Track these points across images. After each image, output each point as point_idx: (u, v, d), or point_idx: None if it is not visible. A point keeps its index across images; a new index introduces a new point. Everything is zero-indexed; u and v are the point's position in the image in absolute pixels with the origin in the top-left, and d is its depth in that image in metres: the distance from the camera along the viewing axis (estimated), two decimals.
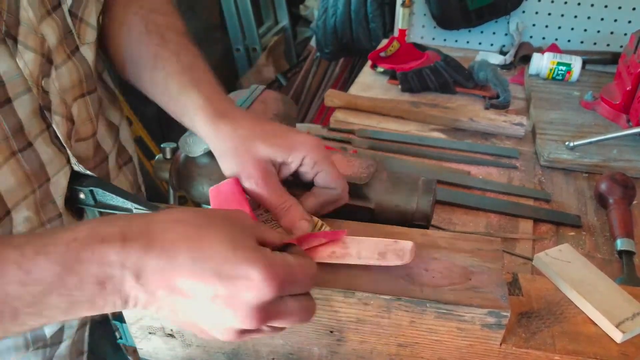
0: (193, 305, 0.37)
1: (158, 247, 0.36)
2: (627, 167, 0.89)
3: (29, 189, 0.51)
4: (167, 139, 0.66)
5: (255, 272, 0.35)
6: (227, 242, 0.37)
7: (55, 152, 0.52)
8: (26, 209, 0.51)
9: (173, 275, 0.36)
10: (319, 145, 0.51)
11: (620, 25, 1.32)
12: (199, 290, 0.36)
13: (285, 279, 0.37)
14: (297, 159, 0.50)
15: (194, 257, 0.36)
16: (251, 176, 0.49)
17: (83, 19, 0.56)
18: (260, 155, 0.49)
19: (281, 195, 0.49)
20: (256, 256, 0.36)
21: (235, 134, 0.50)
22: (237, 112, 0.53)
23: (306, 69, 2.45)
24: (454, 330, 0.46)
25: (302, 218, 0.48)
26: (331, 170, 0.51)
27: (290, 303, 0.38)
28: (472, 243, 0.51)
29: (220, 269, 0.36)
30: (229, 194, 0.49)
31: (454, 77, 1.16)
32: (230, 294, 0.36)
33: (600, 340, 0.48)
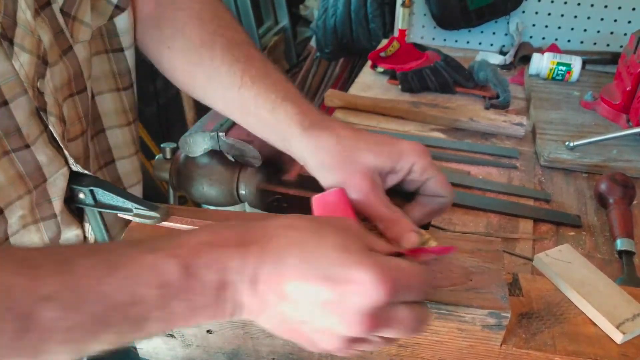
0: (300, 309, 0.36)
1: (272, 252, 0.36)
2: (627, 167, 0.89)
3: (24, 190, 0.50)
4: (167, 139, 0.66)
5: (367, 275, 0.34)
6: (338, 245, 0.36)
7: (53, 153, 0.52)
8: (20, 209, 0.51)
9: (282, 279, 0.35)
10: (426, 151, 0.49)
11: (620, 25, 1.32)
12: (306, 294, 0.35)
13: (398, 283, 0.35)
14: (406, 166, 0.48)
15: (304, 259, 0.35)
16: (358, 188, 0.47)
17: (77, 17, 0.55)
18: (367, 165, 0.47)
19: (388, 207, 0.47)
20: (368, 259, 0.35)
21: (337, 145, 0.49)
22: (334, 123, 0.51)
23: (306, 69, 2.45)
24: (454, 331, 0.46)
25: (410, 230, 0.45)
26: (441, 177, 0.49)
27: (402, 311, 0.36)
28: (473, 243, 0.51)
29: (330, 272, 0.35)
30: (335, 205, 0.47)
31: (454, 77, 1.16)
32: (339, 298, 0.34)
33: (601, 341, 0.48)
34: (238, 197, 0.63)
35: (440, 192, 0.50)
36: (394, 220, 0.46)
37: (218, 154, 0.62)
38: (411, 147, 0.49)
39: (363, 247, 0.37)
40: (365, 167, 0.47)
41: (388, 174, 0.49)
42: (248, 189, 0.62)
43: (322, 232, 0.37)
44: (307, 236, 0.37)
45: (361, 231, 0.40)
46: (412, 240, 0.45)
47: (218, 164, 0.62)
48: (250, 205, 0.64)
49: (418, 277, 0.37)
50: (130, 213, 0.53)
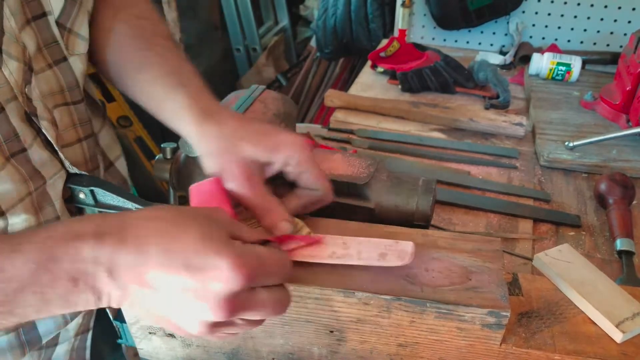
0: (164, 298, 0.37)
1: (130, 243, 0.37)
2: (626, 167, 0.89)
3: (25, 192, 0.51)
4: (167, 139, 0.66)
5: (224, 262, 0.35)
6: (198, 235, 0.37)
7: (49, 156, 0.53)
8: (23, 212, 0.51)
9: (143, 269, 0.36)
10: (303, 145, 0.50)
11: (620, 25, 1.32)
12: (168, 283, 0.36)
13: (256, 268, 0.37)
14: (280, 159, 0.50)
15: (164, 250, 0.36)
16: (234, 176, 0.48)
17: (72, 30, 0.56)
18: (244, 155, 0.49)
19: (263, 196, 0.48)
20: (226, 247, 0.36)
21: (219, 133, 0.50)
22: (223, 113, 0.53)
23: (306, 69, 2.45)
24: (454, 330, 0.46)
25: (283, 219, 0.47)
26: (314, 171, 0.51)
27: (263, 294, 0.38)
28: (472, 243, 0.51)
29: (189, 260, 0.36)
30: (210, 193, 0.49)
31: (454, 77, 1.17)
32: (200, 285, 0.36)
33: (600, 340, 0.48)
34: None
35: (314, 185, 0.51)
36: (267, 209, 0.48)
37: None
38: (289, 140, 0.50)
39: (224, 236, 0.38)
40: (242, 157, 0.49)
41: (266, 165, 0.50)
42: None
43: (184, 222, 0.38)
44: (167, 226, 0.37)
45: (226, 221, 0.40)
46: (283, 228, 0.47)
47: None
48: None
49: (276, 262, 0.39)
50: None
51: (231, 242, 0.38)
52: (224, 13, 2.47)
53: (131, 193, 0.55)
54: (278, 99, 0.69)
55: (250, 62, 2.61)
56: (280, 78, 2.43)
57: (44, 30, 0.53)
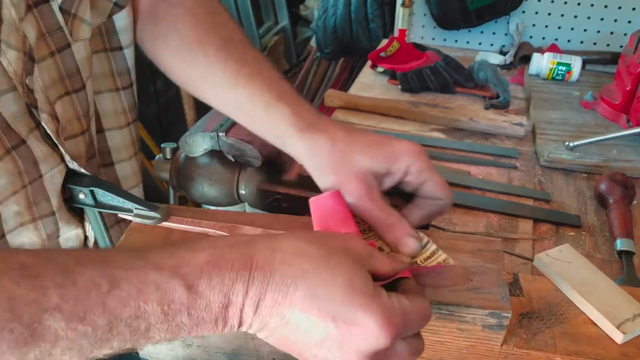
0: (303, 338, 0.36)
1: (279, 282, 0.36)
2: (626, 167, 0.89)
3: (19, 185, 0.50)
4: (167, 139, 0.66)
5: (372, 321, 0.35)
6: (344, 283, 0.36)
7: (48, 149, 0.52)
8: (16, 204, 0.51)
9: (289, 310, 0.36)
10: (422, 152, 0.48)
11: (620, 25, 1.32)
12: (312, 329, 0.36)
13: (401, 326, 0.36)
14: (401, 168, 0.47)
15: (312, 295, 0.36)
16: (353, 192, 0.46)
17: (77, 15, 0.55)
18: (361, 168, 0.47)
19: (385, 210, 0.46)
20: (373, 303, 0.35)
21: (332, 147, 0.48)
22: (329, 124, 0.51)
23: (306, 69, 2.45)
24: (455, 331, 0.46)
25: (408, 234, 0.45)
26: (438, 180, 0.48)
27: (402, 347, 0.37)
28: (473, 243, 0.51)
29: (336, 312, 0.35)
30: (331, 208, 0.46)
31: (454, 77, 1.16)
32: (342, 337, 0.35)
33: (601, 341, 0.48)
34: (238, 197, 0.63)
35: (437, 194, 0.49)
36: (390, 225, 0.46)
37: (218, 154, 0.62)
38: (407, 149, 0.48)
39: (369, 284, 0.37)
40: (360, 171, 0.47)
41: (384, 177, 0.48)
42: (248, 189, 0.62)
43: (330, 263, 0.37)
44: (314, 267, 0.37)
45: (366, 255, 0.39)
46: (410, 245, 0.45)
47: (218, 164, 0.62)
48: (250, 205, 0.64)
49: (419, 317, 0.38)
50: (131, 213, 0.53)
51: (377, 295, 0.36)
52: None
53: (131, 193, 0.55)
54: None
55: None
56: None
57: (47, 16, 0.52)
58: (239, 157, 0.61)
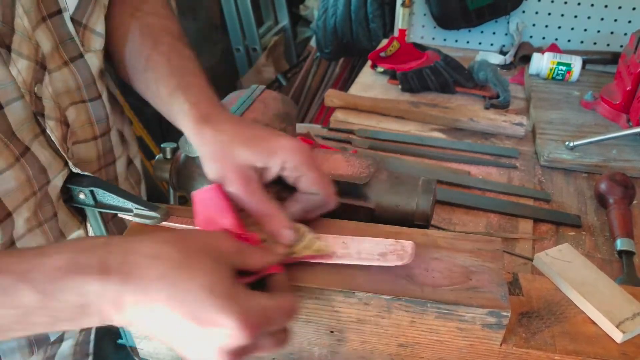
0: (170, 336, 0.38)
1: (135, 285, 0.37)
2: (627, 167, 0.89)
3: (30, 192, 0.51)
4: (167, 139, 0.66)
5: (230, 322, 0.36)
6: (204, 285, 0.37)
7: (52, 155, 0.53)
8: (26, 211, 0.51)
9: (150, 313, 0.37)
10: (301, 149, 0.50)
11: (620, 25, 1.32)
12: (174, 330, 0.37)
13: (261, 324, 0.37)
14: (277, 163, 0.49)
15: (171, 299, 0.36)
16: (232, 182, 0.48)
17: (88, 26, 0.56)
18: (240, 160, 0.49)
19: (263, 202, 0.48)
20: (232, 304, 0.36)
21: (216, 139, 0.50)
22: (221, 117, 0.52)
23: (306, 69, 2.45)
24: (454, 330, 0.46)
25: (285, 226, 0.47)
26: (313, 175, 0.50)
27: (265, 340, 0.39)
28: (473, 243, 0.51)
29: (196, 313, 0.36)
30: (212, 200, 0.48)
31: (454, 77, 1.16)
32: (205, 336, 0.36)
33: (601, 340, 0.48)
34: None
35: (312, 189, 0.50)
36: (268, 216, 0.47)
37: None
38: (285, 145, 0.49)
39: (230, 286, 0.38)
40: (240, 162, 0.49)
41: (263, 170, 0.50)
42: None
43: (190, 265, 0.38)
44: (173, 270, 0.37)
45: (232, 251, 0.40)
46: (287, 237, 0.47)
47: None
48: None
49: (281, 313, 0.39)
50: (131, 213, 0.53)
51: (237, 296, 0.37)
52: (224, 13, 2.47)
53: (131, 193, 0.55)
54: (278, 99, 0.69)
55: (250, 62, 2.61)
56: (280, 78, 2.43)
57: (60, 27, 0.53)
58: None
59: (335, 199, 0.52)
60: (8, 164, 0.48)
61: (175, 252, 0.38)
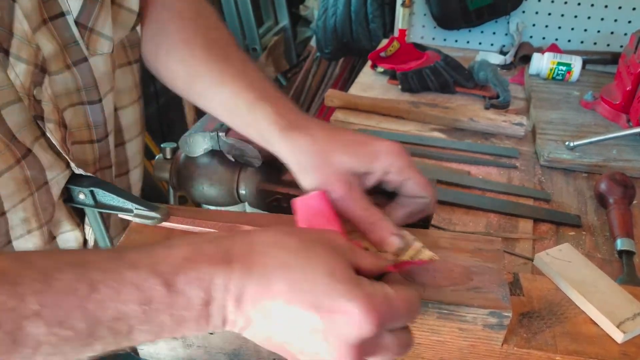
0: (287, 331, 0.36)
1: (258, 274, 0.36)
2: (627, 167, 0.89)
3: (27, 192, 0.50)
4: (167, 139, 0.66)
5: (355, 307, 0.34)
6: (325, 271, 0.35)
7: (54, 157, 0.52)
8: (23, 211, 0.51)
9: (271, 304, 0.35)
10: (403, 151, 0.48)
11: (620, 25, 1.32)
12: (295, 320, 0.35)
13: (386, 314, 0.35)
14: (381, 167, 0.48)
15: (293, 288, 0.35)
16: (334, 190, 0.46)
17: (94, 29, 0.55)
18: (341, 167, 0.47)
19: (367, 209, 0.46)
20: (356, 290, 0.35)
21: (313, 147, 0.48)
22: (311, 123, 0.51)
23: (306, 69, 2.45)
24: (455, 331, 0.46)
25: (391, 233, 0.45)
26: (417, 178, 0.48)
27: (389, 339, 0.37)
28: (473, 243, 0.51)
29: (319, 302, 0.35)
30: (317, 209, 0.46)
31: (454, 77, 1.16)
32: (327, 327, 0.35)
33: (602, 340, 0.48)
34: (238, 197, 0.63)
35: (419, 193, 0.49)
36: (373, 224, 0.46)
37: (218, 154, 0.62)
38: (387, 148, 0.48)
39: (351, 273, 0.36)
40: (340, 169, 0.47)
41: (364, 175, 0.48)
42: (248, 189, 0.62)
43: (310, 254, 0.37)
44: (294, 258, 0.36)
45: (346, 248, 0.39)
46: (394, 244, 0.45)
47: (218, 164, 0.62)
48: (250, 205, 0.64)
49: (405, 306, 0.37)
50: (131, 214, 0.53)
51: (360, 282, 0.36)
52: (224, 13, 2.47)
53: (131, 193, 0.55)
54: None
55: None
56: (280, 78, 2.43)
57: (63, 30, 0.52)
58: (239, 157, 0.61)
59: (436, 202, 0.50)
60: (7, 165, 0.47)
61: (296, 242, 0.38)
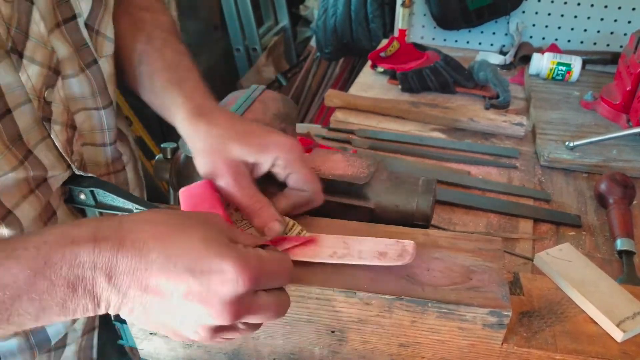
0: (166, 303, 0.37)
1: (129, 247, 0.36)
2: (627, 167, 0.89)
3: (27, 190, 0.50)
4: (167, 139, 0.66)
5: (229, 266, 0.35)
6: (199, 239, 0.37)
7: (57, 158, 0.53)
8: (31, 208, 0.51)
9: (145, 274, 0.36)
10: (293, 146, 0.50)
11: (620, 25, 1.32)
12: (172, 287, 0.36)
13: (259, 272, 0.37)
14: (269, 160, 0.50)
15: (167, 254, 0.36)
16: (222, 176, 0.49)
17: (100, 31, 0.56)
18: (232, 155, 0.49)
19: (253, 196, 0.48)
20: (229, 250, 0.36)
21: (209, 133, 0.50)
22: (215, 112, 0.53)
23: (306, 69, 2.45)
24: (455, 330, 0.46)
25: (273, 219, 0.47)
26: (303, 172, 0.50)
27: (265, 298, 0.38)
28: (473, 243, 0.51)
29: (193, 265, 0.36)
30: (201, 196, 0.48)
31: (454, 77, 1.17)
32: (204, 289, 0.35)
33: (601, 339, 0.48)
34: None
35: (302, 186, 0.51)
36: (258, 209, 0.48)
37: None
38: (277, 141, 0.50)
39: (224, 239, 0.38)
40: (231, 157, 0.49)
41: (254, 165, 0.50)
42: None
43: (183, 225, 0.38)
44: (167, 230, 0.37)
45: (223, 225, 0.41)
46: (275, 229, 0.47)
47: None
48: None
49: (278, 265, 0.39)
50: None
51: (233, 246, 0.37)
52: (224, 13, 2.47)
53: (131, 193, 0.55)
54: (278, 99, 0.69)
55: (250, 62, 2.61)
56: (280, 78, 2.43)
57: (75, 33, 0.53)
58: None
59: (322, 196, 0.52)
60: (12, 166, 0.48)
61: (167, 217, 0.39)
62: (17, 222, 0.50)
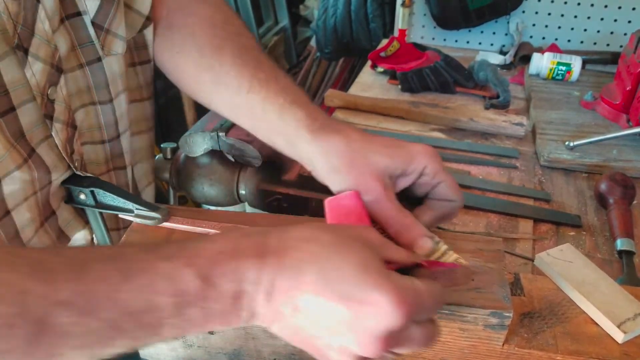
0: (315, 324, 0.36)
1: (290, 266, 0.36)
2: (627, 167, 0.89)
3: (30, 192, 0.50)
4: (167, 139, 0.66)
5: (384, 298, 0.34)
6: (356, 264, 0.36)
7: (58, 156, 0.52)
8: (27, 211, 0.51)
9: (299, 293, 0.35)
10: (436, 154, 0.48)
11: (620, 25, 1.32)
12: (322, 310, 0.35)
13: (414, 306, 0.35)
14: (417, 169, 0.47)
15: (322, 276, 0.35)
16: (370, 190, 0.46)
17: (110, 30, 0.55)
18: (378, 167, 0.47)
19: (400, 211, 0.46)
20: (386, 282, 0.35)
21: (348, 147, 0.48)
22: (344, 126, 0.51)
23: (306, 69, 2.45)
24: (456, 331, 0.46)
25: (422, 235, 0.45)
26: (451, 182, 0.48)
27: (415, 330, 0.37)
28: (474, 243, 0.51)
29: (348, 291, 0.35)
30: (349, 209, 0.46)
31: (454, 77, 1.16)
32: (355, 318, 0.35)
33: (602, 340, 0.48)
34: (238, 197, 0.63)
35: (450, 196, 0.49)
36: (406, 225, 0.45)
37: (218, 154, 0.62)
38: (423, 150, 0.48)
39: (382, 266, 0.36)
40: (377, 170, 0.47)
41: (399, 177, 0.48)
42: (248, 189, 0.62)
43: (342, 248, 0.37)
44: (327, 252, 0.37)
45: (378, 242, 0.39)
46: (426, 246, 0.45)
47: (218, 164, 0.62)
48: (251, 205, 0.64)
49: (433, 298, 0.37)
50: (131, 214, 0.53)
51: (389, 275, 0.36)
52: None
53: (131, 193, 0.55)
54: None
55: None
56: None
57: (79, 30, 0.52)
58: (239, 157, 0.61)
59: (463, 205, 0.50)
60: (17, 164, 0.47)
61: (329, 236, 0.38)
62: (11, 223, 0.50)
